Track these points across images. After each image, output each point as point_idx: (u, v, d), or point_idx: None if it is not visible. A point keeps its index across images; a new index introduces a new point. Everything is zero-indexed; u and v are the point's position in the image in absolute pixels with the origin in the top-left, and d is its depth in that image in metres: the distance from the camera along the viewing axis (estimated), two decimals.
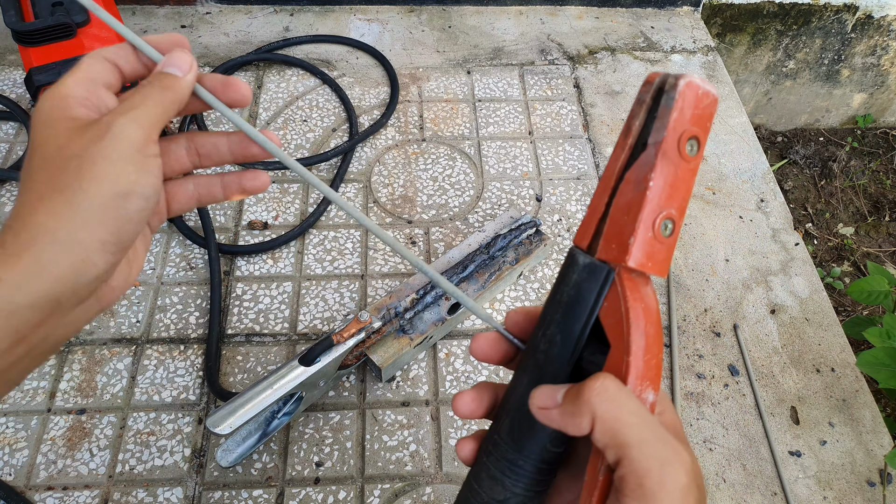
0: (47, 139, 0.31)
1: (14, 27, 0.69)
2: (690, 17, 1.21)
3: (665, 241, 0.29)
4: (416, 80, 1.05)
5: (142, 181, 0.31)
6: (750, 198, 0.93)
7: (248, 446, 0.66)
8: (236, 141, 0.38)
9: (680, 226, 0.30)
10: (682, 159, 0.29)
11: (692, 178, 0.29)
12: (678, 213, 0.29)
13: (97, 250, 0.30)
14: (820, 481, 0.69)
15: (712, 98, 0.29)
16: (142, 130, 0.31)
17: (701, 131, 0.29)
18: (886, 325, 0.78)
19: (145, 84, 0.33)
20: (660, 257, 0.29)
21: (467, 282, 0.75)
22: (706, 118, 0.29)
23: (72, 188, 0.29)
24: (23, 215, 0.30)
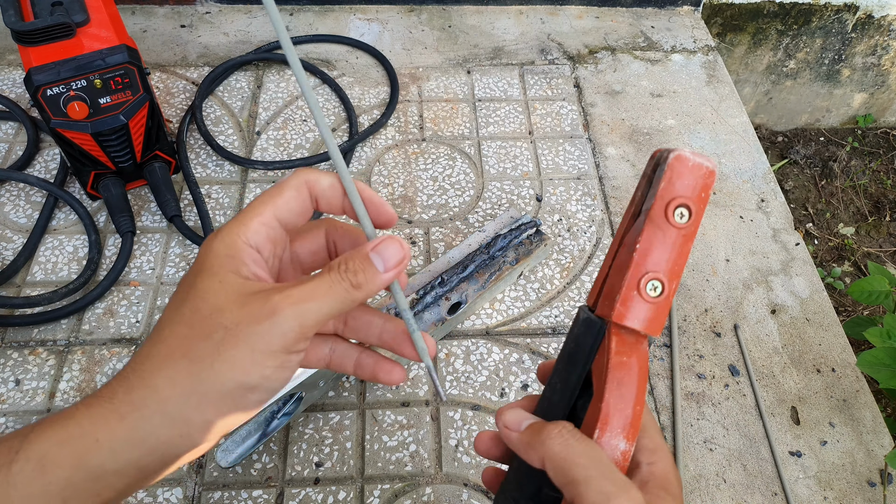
0: (207, 293, 0.28)
1: (13, 27, 0.69)
2: (691, 17, 1.21)
3: (653, 300, 0.31)
4: (416, 79, 1.05)
5: (275, 377, 0.29)
6: (750, 198, 0.93)
7: (248, 446, 0.66)
8: (391, 329, 0.35)
9: (672, 288, 0.31)
10: (670, 225, 0.31)
11: (685, 244, 0.31)
12: (668, 275, 0.31)
13: (200, 430, 0.28)
14: (820, 481, 0.68)
15: (705, 169, 0.31)
16: (302, 329, 0.28)
17: (692, 200, 0.31)
18: (887, 326, 0.78)
19: (340, 270, 0.30)
20: (647, 316, 0.31)
21: (467, 282, 0.75)
22: (700, 188, 0.31)
23: (204, 363, 0.27)
24: (145, 368, 0.28)
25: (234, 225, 0.30)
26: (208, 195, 0.87)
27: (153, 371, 0.28)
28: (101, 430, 0.27)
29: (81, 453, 0.26)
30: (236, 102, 0.99)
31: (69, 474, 0.26)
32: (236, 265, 0.29)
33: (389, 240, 0.32)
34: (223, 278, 0.29)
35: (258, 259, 0.30)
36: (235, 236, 0.30)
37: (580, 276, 0.82)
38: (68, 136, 0.75)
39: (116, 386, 0.28)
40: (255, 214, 0.30)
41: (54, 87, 0.71)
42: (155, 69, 1.03)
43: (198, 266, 0.30)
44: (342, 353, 0.37)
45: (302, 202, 0.32)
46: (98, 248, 0.80)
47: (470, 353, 0.75)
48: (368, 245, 0.31)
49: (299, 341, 0.29)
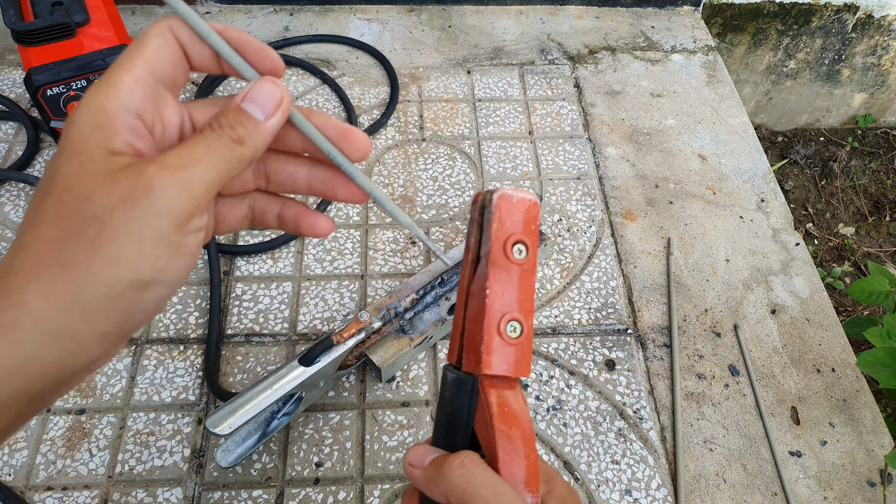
0: (72, 180, 0.24)
1: (13, 27, 0.69)
2: (691, 17, 1.21)
3: (515, 342, 0.31)
4: (416, 79, 1.05)
5: (171, 268, 0.24)
6: (750, 198, 0.93)
7: (248, 447, 0.66)
8: (319, 177, 0.31)
9: (529, 325, 0.31)
10: (512, 263, 0.30)
11: (530, 278, 0.31)
12: (523, 313, 0.31)
13: (94, 342, 0.24)
14: (820, 481, 0.68)
15: (530, 203, 0.31)
16: (191, 201, 0.24)
17: (525, 235, 0.31)
18: (887, 326, 0.78)
19: (213, 127, 0.26)
20: (514, 358, 0.31)
21: None
22: (529, 221, 0.31)
23: (80, 267, 0.23)
24: (10, 283, 0.23)
25: (100, 87, 0.25)
26: None
27: (20, 286, 0.23)
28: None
29: None
30: None
31: None
32: (107, 136, 0.24)
33: (259, 83, 0.27)
34: (85, 157, 0.24)
35: (138, 127, 0.25)
36: (104, 99, 0.24)
37: (580, 277, 0.82)
38: None
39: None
40: (124, 71, 0.25)
41: (54, 87, 0.71)
42: None
43: (59, 148, 0.24)
44: (263, 208, 0.32)
45: (172, 51, 0.26)
46: None
47: None
48: (238, 96, 0.27)
49: (192, 217, 0.24)
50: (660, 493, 0.66)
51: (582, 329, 0.78)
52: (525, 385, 0.72)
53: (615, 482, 0.67)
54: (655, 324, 0.79)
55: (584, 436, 0.70)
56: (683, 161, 0.97)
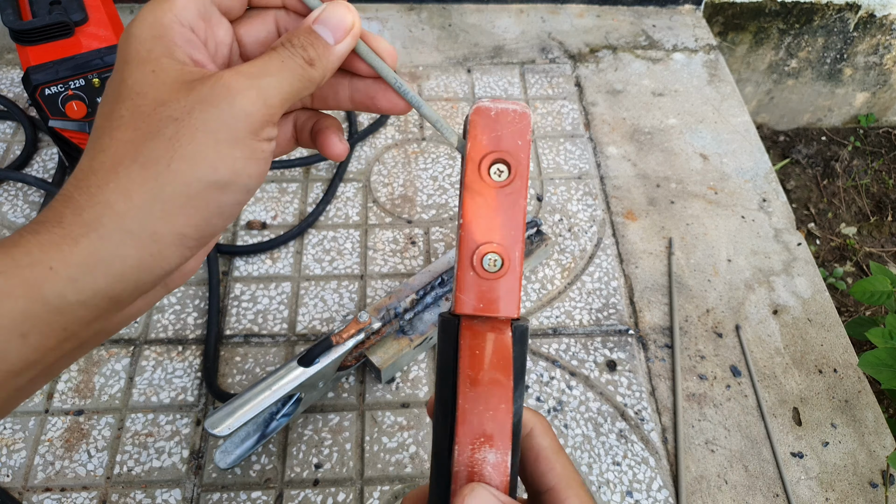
0: (145, 86, 0.24)
1: (11, 26, 0.69)
2: (692, 16, 1.21)
3: (494, 276, 0.27)
4: (416, 78, 1.05)
5: (247, 170, 0.25)
6: (752, 197, 0.93)
7: (247, 448, 0.65)
8: (361, 88, 0.31)
9: (515, 257, 0.27)
10: (488, 186, 0.27)
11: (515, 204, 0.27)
12: (505, 243, 0.27)
13: (174, 245, 0.24)
14: (822, 483, 0.68)
15: (512, 113, 0.27)
16: (266, 108, 0.25)
17: (509, 152, 0.27)
18: (889, 326, 0.77)
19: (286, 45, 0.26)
20: (493, 296, 0.27)
21: None
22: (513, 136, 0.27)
23: (159, 164, 0.23)
24: (89, 185, 0.23)
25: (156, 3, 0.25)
26: None
27: (101, 185, 0.23)
28: (54, 257, 0.22)
29: (34, 283, 0.22)
30: None
31: (24, 306, 0.22)
32: (168, 47, 0.25)
33: (331, 6, 0.28)
34: (155, 66, 0.24)
35: (193, 40, 0.26)
36: (160, 13, 0.25)
37: (581, 277, 0.82)
38: (66, 135, 0.75)
39: (62, 208, 0.23)
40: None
41: (52, 86, 0.71)
42: None
43: (122, 59, 0.25)
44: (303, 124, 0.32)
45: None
46: None
47: None
48: (309, 18, 0.27)
49: (266, 124, 0.25)
50: (661, 494, 0.66)
51: (583, 330, 0.77)
52: (525, 386, 0.72)
53: (616, 483, 0.67)
54: (657, 324, 0.79)
55: (584, 437, 0.69)
56: (685, 160, 0.97)
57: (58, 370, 0.26)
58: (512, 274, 0.27)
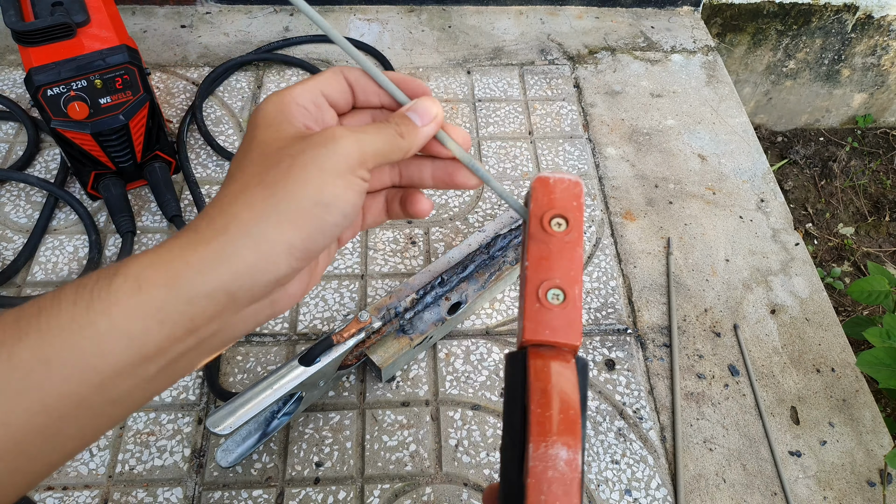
0: (269, 139, 0.31)
1: (13, 27, 0.69)
2: (690, 17, 1.21)
3: (556, 307, 0.30)
4: None
5: (345, 197, 0.30)
6: (750, 198, 0.93)
7: (248, 446, 0.66)
8: (441, 167, 0.38)
9: (575, 294, 0.31)
10: (550, 235, 0.32)
11: (573, 250, 0.32)
12: (566, 281, 0.31)
13: (283, 252, 0.29)
14: (820, 481, 0.69)
15: (568, 182, 0.33)
16: (361, 154, 0.31)
17: (566, 210, 0.32)
18: (886, 325, 0.78)
19: (382, 121, 0.33)
20: (557, 324, 0.30)
21: (467, 282, 0.75)
22: (569, 198, 0.32)
23: (276, 186, 0.29)
24: (222, 203, 0.29)
25: (282, 90, 0.33)
26: (209, 195, 0.87)
27: (231, 201, 0.29)
28: (190, 253, 0.28)
29: (173, 274, 0.27)
30: (237, 102, 0.99)
31: (164, 294, 0.27)
32: (288, 117, 0.32)
33: (421, 100, 0.34)
34: (278, 127, 0.31)
35: (307, 114, 0.33)
36: (284, 95, 0.32)
37: None
38: (69, 136, 0.75)
39: (199, 221, 0.29)
40: (299, 85, 0.33)
41: (55, 87, 0.71)
42: (155, 69, 1.03)
43: (252, 125, 0.32)
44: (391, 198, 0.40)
45: (340, 83, 0.34)
46: (98, 249, 0.80)
47: (470, 352, 0.75)
48: (405, 106, 0.34)
49: (361, 166, 0.31)
50: (659, 492, 0.66)
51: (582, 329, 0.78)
52: None
53: (615, 482, 0.67)
54: (655, 324, 0.79)
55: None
56: (683, 161, 0.97)
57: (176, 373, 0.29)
58: (572, 306, 0.31)
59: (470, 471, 0.67)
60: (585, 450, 0.30)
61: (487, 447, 0.68)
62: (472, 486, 0.66)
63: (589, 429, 0.70)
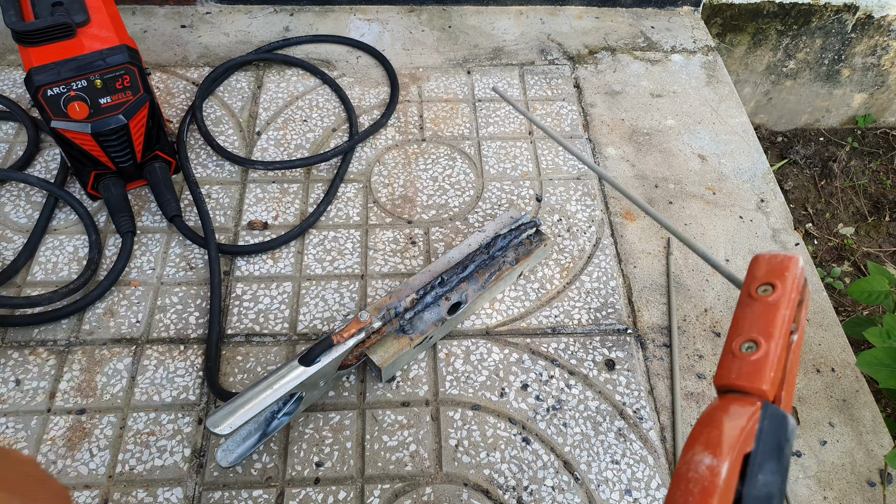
0: None
1: (14, 27, 0.69)
2: (691, 17, 1.21)
3: (747, 357, 0.34)
4: (416, 79, 1.05)
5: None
6: (750, 198, 0.93)
7: (248, 446, 0.66)
8: None
9: (770, 347, 0.34)
10: (754, 300, 0.35)
11: (773, 311, 0.35)
12: (763, 336, 0.34)
13: None
14: (820, 481, 0.69)
15: (782, 257, 0.37)
16: None
17: (774, 278, 0.36)
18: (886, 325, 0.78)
19: None
20: (744, 371, 0.33)
21: (467, 282, 0.75)
22: (779, 269, 0.36)
23: None
24: None
25: None
26: (208, 195, 0.87)
27: None
28: None
29: None
30: (236, 102, 0.99)
31: None
32: None
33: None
34: None
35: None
36: None
37: (580, 276, 0.82)
38: (69, 136, 0.75)
39: None
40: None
41: (55, 87, 0.71)
42: (155, 69, 1.03)
43: None
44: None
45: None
46: (98, 248, 0.80)
47: (470, 353, 0.75)
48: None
49: None
50: (660, 492, 0.66)
51: (582, 329, 0.78)
52: (524, 385, 0.73)
53: (615, 482, 0.67)
54: (655, 324, 0.79)
55: (583, 435, 0.70)
56: (683, 161, 0.97)
57: None
58: (765, 357, 0.33)
59: (470, 471, 0.67)
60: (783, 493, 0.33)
61: (487, 447, 0.68)
62: (472, 486, 0.66)
63: (589, 429, 0.70)
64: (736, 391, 0.33)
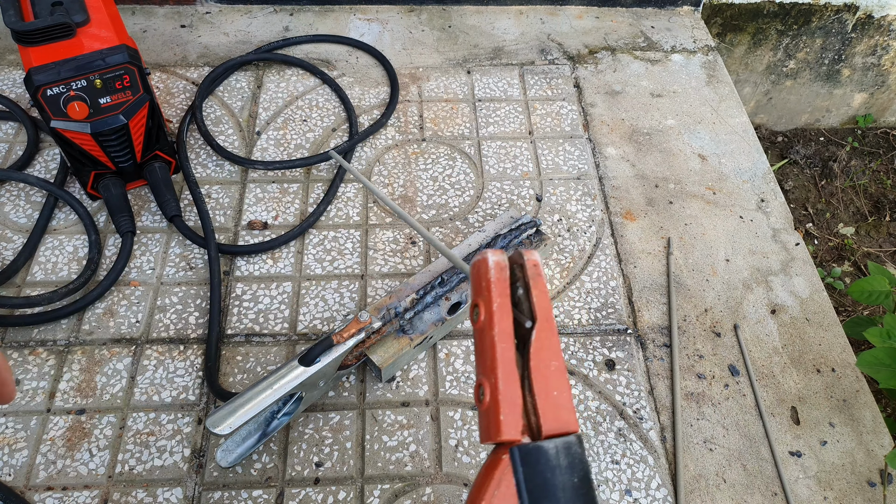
0: None
1: (13, 27, 0.69)
2: (691, 17, 1.21)
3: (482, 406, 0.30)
4: (416, 79, 1.05)
5: None
6: (750, 198, 0.93)
7: (248, 446, 0.66)
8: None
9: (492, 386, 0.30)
10: (474, 328, 0.30)
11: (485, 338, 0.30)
12: (485, 375, 0.30)
13: None
14: (820, 481, 0.68)
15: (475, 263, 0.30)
16: None
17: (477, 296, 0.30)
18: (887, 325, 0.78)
19: None
20: (484, 425, 0.30)
21: (467, 282, 0.75)
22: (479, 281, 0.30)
23: None
24: None
25: None
26: (208, 195, 0.87)
27: None
28: None
29: None
30: (236, 102, 0.99)
31: None
32: None
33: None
34: None
35: None
36: None
37: (580, 276, 0.82)
38: (68, 136, 0.75)
39: None
40: None
41: (54, 87, 0.71)
42: (155, 69, 1.03)
43: None
44: None
45: None
46: (98, 248, 0.80)
47: (470, 353, 0.75)
48: None
49: None
50: (660, 493, 0.66)
51: (582, 329, 0.78)
52: None
53: (615, 482, 0.67)
54: (655, 324, 0.79)
55: (583, 435, 0.70)
56: (683, 161, 0.97)
57: None
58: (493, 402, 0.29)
59: (470, 471, 0.67)
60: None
61: (487, 447, 0.68)
62: None
63: (589, 429, 0.70)
64: (496, 444, 0.30)
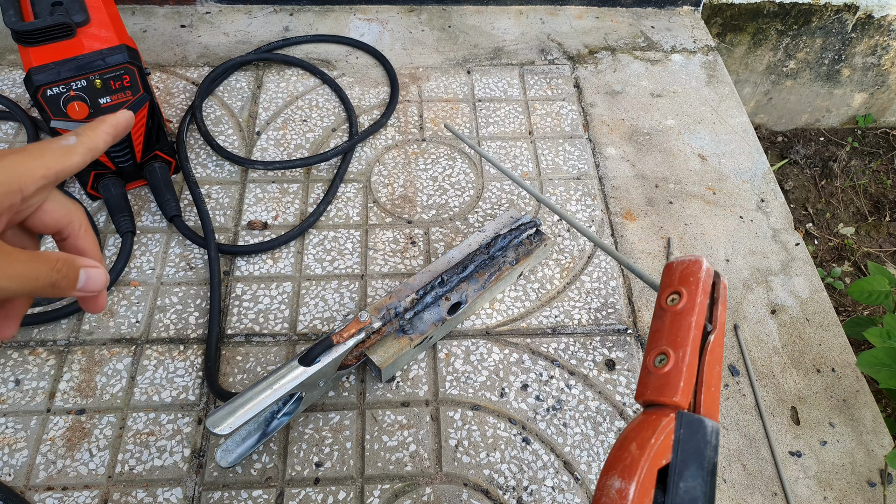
0: None
1: (13, 27, 0.69)
2: (691, 17, 1.21)
3: (659, 370, 0.34)
4: (416, 79, 1.05)
5: None
6: (750, 198, 0.93)
7: (248, 446, 0.66)
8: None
9: (679, 357, 0.34)
10: (664, 310, 0.37)
11: (679, 320, 0.36)
12: (671, 347, 0.35)
13: None
14: (820, 482, 0.68)
15: (688, 262, 0.38)
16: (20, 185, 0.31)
17: (681, 286, 0.37)
18: (887, 326, 0.78)
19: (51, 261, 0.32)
20: (657, 384, 0.34)
21: (467, 282, 0.75)
22: (684, 277, 0.37)
23: None
24: None
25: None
26: (208, 195, 0.87)
27: None
28: None
29: None
30: (236, 102, 0.99)
31: None
32: None
33: (101, 270, 0.34)
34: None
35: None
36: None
37: (580, 276, 0.82)
38: None
39: None
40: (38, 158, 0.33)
41: (54, 87, 0.71)
42: (155, 69, 1.03)
43: None
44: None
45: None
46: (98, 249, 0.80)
47: (470, 353, 0.75)
48: (85, 260, 0.33)
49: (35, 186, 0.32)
50: None
51: (582, 329, 0.78)
52: (524, 385, 0.73)
53: None
54: None
55: (584, 436, 0.70)
56: (683, 161, 0.97)
57: None
58: (676, 368, 0.34)
59: (470, 471, 0.67)
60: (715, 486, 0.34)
61: (487, 447, 0.68)
62: (472, 486, 0.66)
63: (589, 429, 0.70)
64: (653, 405, 0.34)
